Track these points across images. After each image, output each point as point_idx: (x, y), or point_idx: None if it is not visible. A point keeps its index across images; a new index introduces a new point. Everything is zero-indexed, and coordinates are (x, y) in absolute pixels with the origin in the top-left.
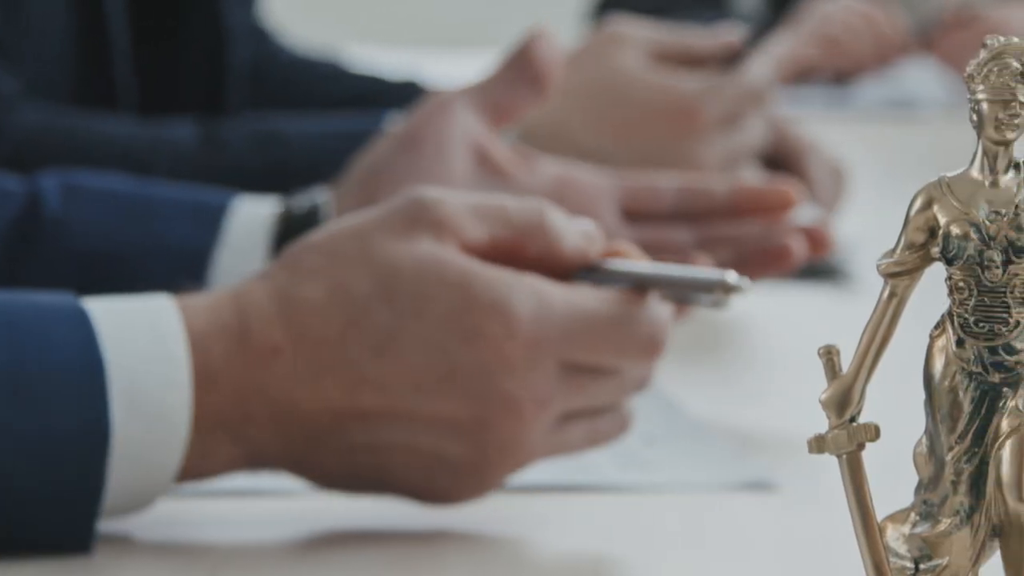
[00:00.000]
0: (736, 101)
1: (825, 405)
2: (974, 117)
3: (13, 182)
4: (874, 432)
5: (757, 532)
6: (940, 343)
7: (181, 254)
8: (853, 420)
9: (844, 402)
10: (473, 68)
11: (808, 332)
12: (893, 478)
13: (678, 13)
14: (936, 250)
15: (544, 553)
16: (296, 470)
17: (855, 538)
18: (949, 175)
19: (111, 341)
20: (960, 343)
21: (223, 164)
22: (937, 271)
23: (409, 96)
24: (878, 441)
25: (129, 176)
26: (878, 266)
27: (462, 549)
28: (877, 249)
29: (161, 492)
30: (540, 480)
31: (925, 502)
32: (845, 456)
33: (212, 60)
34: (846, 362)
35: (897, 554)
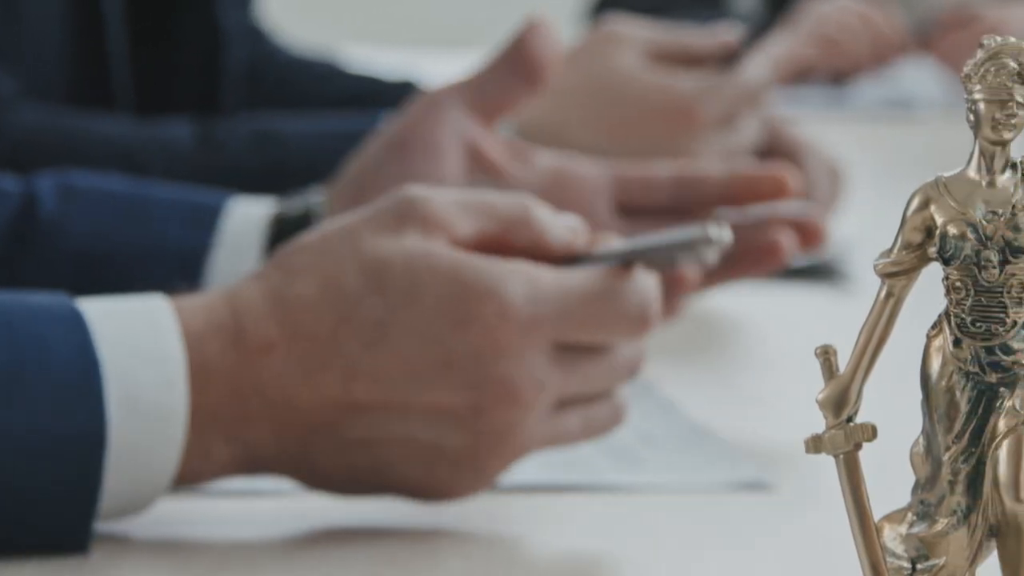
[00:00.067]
0: (733, 101)
1: (822, 405)
2: (971, 117)
3: (10, 182)
4: (871, 432)
5: (754, 532)
6: (937, 343)
7: (176, 255)
8: (850, 420)
9: (841, 402)
10: (470, 68)
11: (805, 332)
12: (890, 478)
13: (675, 13)
14: (933, 250)
15: (541, 553)
16: (293, 472)
17: (852, 538)
18: (946, 175)
19: (106, 342)
20: (957, 343)
21: (220, 164)
22: (934, 271)
23: (406, 96)
24: (875, 441)
25: (125, 176)
26: (875, 266)
27: (459, 549)
28: (874, 249)
29: (158, 493)
30: (537, 480)
31: (922, 502)
32: (842, 456)
33: (208, 61)
34: (843, 362)
35: (894, 554)
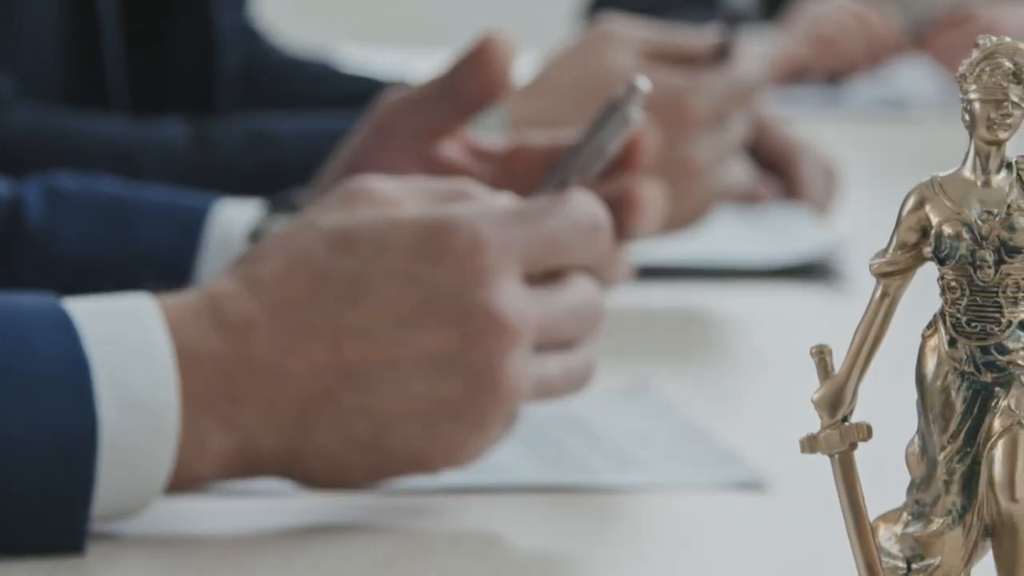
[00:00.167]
0: (724, 97)
1: (817, 405)
2: (966, 117)
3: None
4: (866, 432)
5: (750, 532)
6: (932, 343)
7: (163, 260)
8: (845, 420)
9: (836, 402)
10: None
11: (800, 332)
12: (885, 478)
13: (671, 13)
14: (928, 250)
15: (538, 553)
16: (291, 463)
17: (847, 538)
18: (941, 175)
19: (94, 340)
20: (952, 343)
21: (215, 164)
22: (929, 271)
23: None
24: (870, 441)
25: (117, 177)
26: (870, 266)
27: (455, 548)
28: (869, 249)
29: (155, 491)
30: (535, 480)
31: (917, 502)
32: (837, 456)
33: (203, 61)
34: (838, 362)
35: (889, 554)
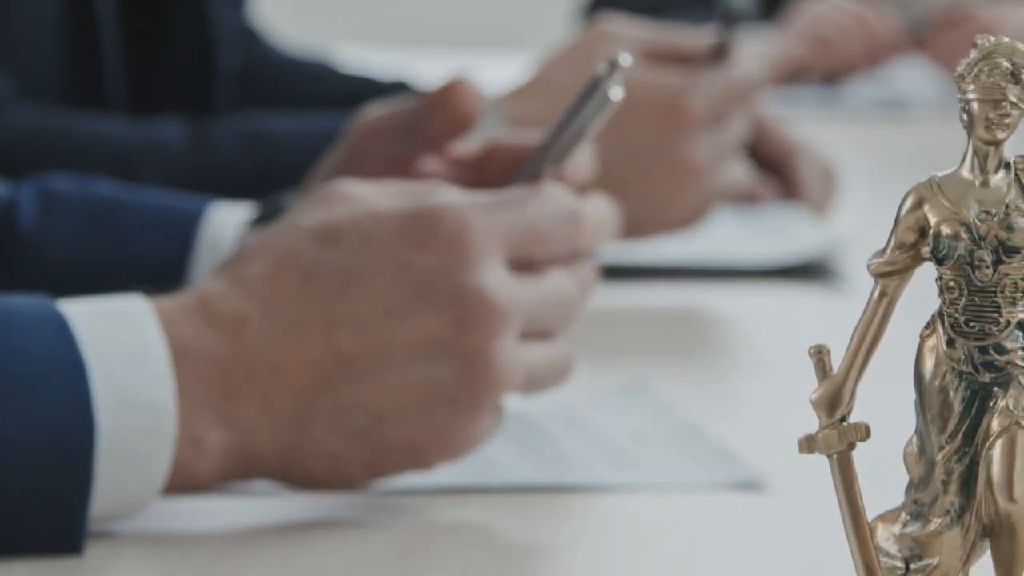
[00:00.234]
0: (722, 96)
1: (815, 405)
2: (964, 117)
3: None
4: (864, 432)
5: (748, 532)
6: (930, 343)
7: (156, 263)
8: (843, 420)
9: (834, 402)
10: (462, 68)
11: (799, 332)
12: (884, 478)
13: (669, 13)
14: (926, 250)
15: (536, 553)
16: (288, 460)
17: (845, 538)
18: (939, 175)
19: (90, 341)
20: (950, 343)
21: (213, 164)
22: (928, 271)
23: (399, 96)
24: (868, 441)
25: (116, 176)
26: (868, 266)
27: (452, 547)
28: (868, 249)
29: (154, 490)
30: (532, 480)
31: (915, 502)
32: (835, 456)
33: (200, 61)
34: (836, 362)
35: (887, 554)
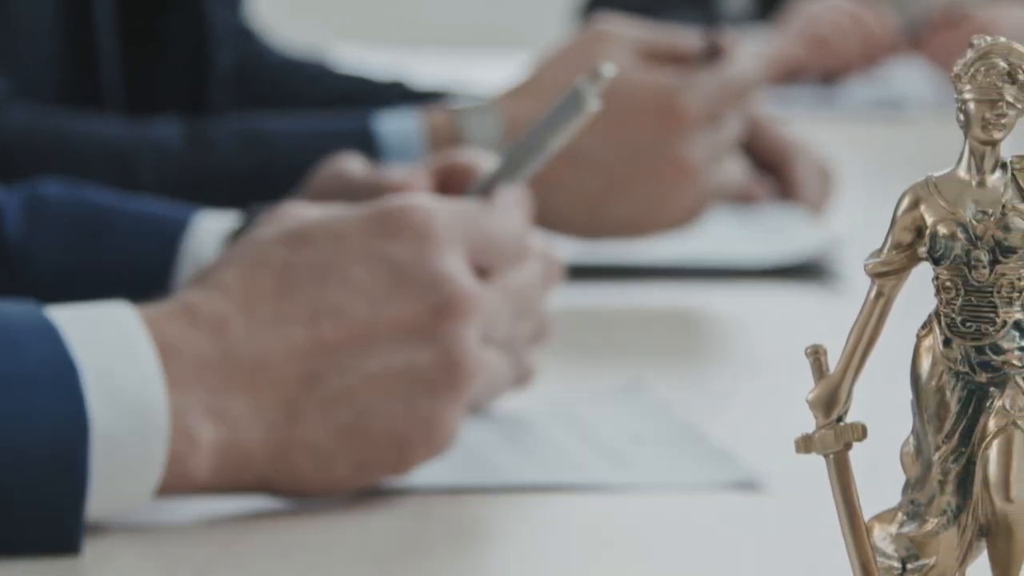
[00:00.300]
0: (718, 96)
1: (812, 405)
2: (961, 117)
3: None
4: (861, 432)
5: (744, 532)
6: (927, 343)
7: (140, 272)
8: (840, 420)
9: (831, 402)
10: (459, 68)
11: (795, 332)
12: (880, 478)
13: (665, 13)
14: (923, 250)
15: (532, 552)
16: (279, 455)
17: (842, 538)
18: (936, 175)
19: (78, 342)
20: (947, 343)
21: (209, 164)
22: (924, 271)
23: (396, 97)
24: (865, 441)
25: (112, 176)
26: (865, 266)
27: (449, 547)
28: (864, 249)
29: (150, 488)
30: (529, 480)
31: (912, 502)
32: (832, 456)
33: (197, 61)
34: (833, 362)
35: (884, 554)
